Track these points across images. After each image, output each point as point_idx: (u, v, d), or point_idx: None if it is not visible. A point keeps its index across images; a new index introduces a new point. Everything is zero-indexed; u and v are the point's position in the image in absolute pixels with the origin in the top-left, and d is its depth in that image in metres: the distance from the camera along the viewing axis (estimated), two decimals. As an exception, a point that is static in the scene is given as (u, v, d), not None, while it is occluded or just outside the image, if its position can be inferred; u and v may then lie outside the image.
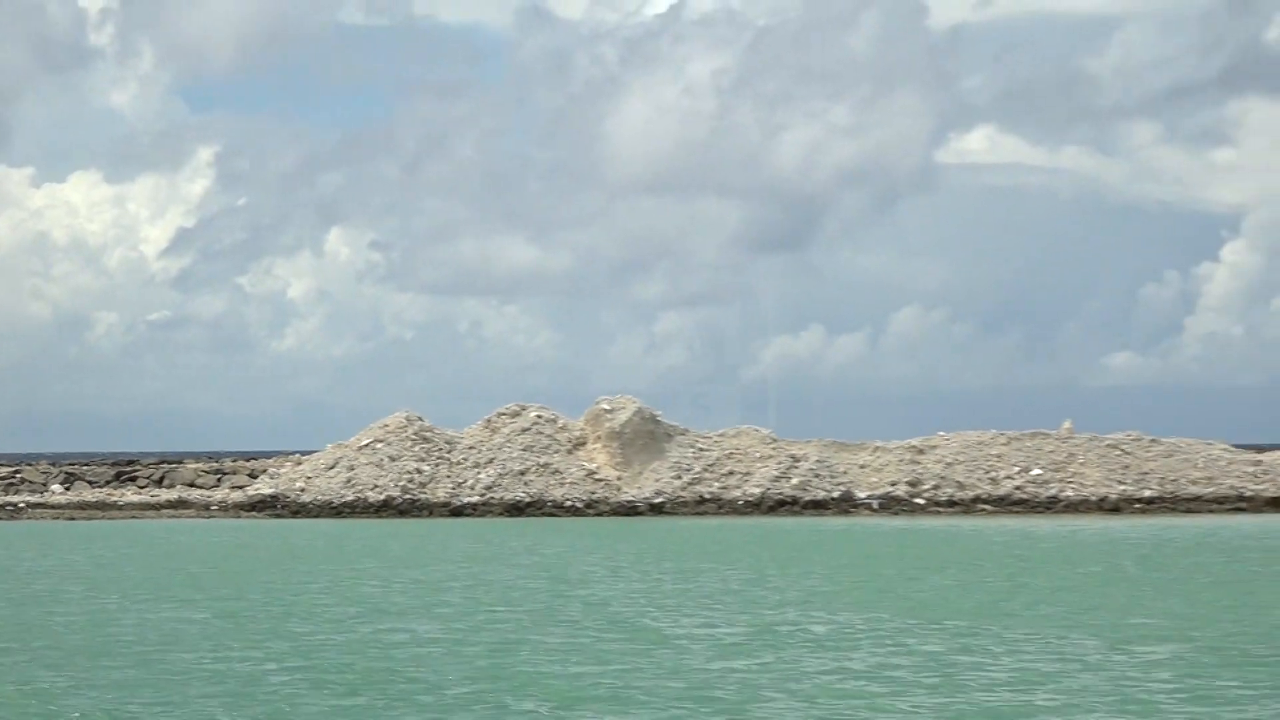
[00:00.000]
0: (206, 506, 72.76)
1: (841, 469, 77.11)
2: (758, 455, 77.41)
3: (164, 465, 78.71)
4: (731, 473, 76.21)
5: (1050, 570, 43.68)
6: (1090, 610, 32.73)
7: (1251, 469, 79.16)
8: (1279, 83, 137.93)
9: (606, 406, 77.43)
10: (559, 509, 73.33)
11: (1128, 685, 23.02)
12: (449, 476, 74.64)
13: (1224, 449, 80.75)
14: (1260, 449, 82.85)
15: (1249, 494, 77.33)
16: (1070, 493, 76.20)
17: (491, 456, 75.43)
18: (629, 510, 73.68)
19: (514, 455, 75.64)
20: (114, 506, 72.86)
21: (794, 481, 75.88)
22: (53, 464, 79.11)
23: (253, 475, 75.81)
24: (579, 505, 73.74)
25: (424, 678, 23.16)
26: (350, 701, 21.35)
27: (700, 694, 21.91)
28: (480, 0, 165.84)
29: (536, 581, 38.82)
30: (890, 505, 75.19)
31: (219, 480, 75.82)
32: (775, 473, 76.22)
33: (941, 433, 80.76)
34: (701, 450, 77.16)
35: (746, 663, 24.62)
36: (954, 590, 37.29)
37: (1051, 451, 78.55)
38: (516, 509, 72.98)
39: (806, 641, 27.41)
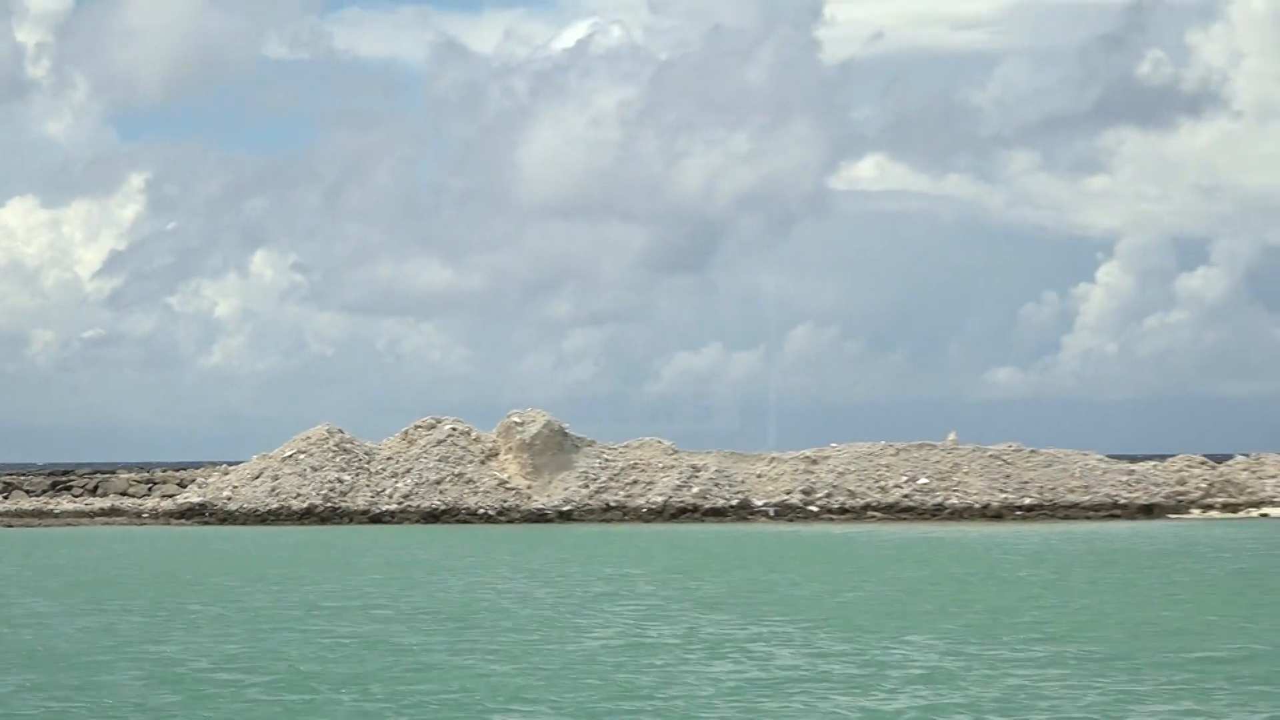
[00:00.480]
0: (138, 514, 76.09)
1: (740, 479, 79.53)
2: (660, 465, 79.95)
3: (98, 475, 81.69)
4: (636, 482, 78.78)
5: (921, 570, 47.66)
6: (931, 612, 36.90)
7: (1125, 478, 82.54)
8: (1150, 114, 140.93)
9: (517, 419, 79.32)
10: (473, 516, 75.87)
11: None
12: (368, 485, 77.01)
13: (1099, 460, 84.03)
14: (1133, 459, 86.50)
15: (1123, 501, 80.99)
16: (955, 501, 79.00)
17: (409, 467, 77.82)
18: (538, 518, 76.23)
19: (430, 465, 77.87)
20: (50, 514, 76.18)
21: (694, 490, 78.49)
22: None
23: (182, 484, 78.78)
24: (491, 513, 76.08)
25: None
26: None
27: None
28: (397, 35, 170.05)
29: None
30: (786, 513, 77.87)
31: (150, 489, 79.05)
32: (677, 482, 78.83)
33: (834, 444, 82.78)
34: (607, 461, 79.69)
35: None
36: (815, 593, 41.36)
37: (937, 462, 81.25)
38: (432, 516, 75.58)
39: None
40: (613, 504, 77.60)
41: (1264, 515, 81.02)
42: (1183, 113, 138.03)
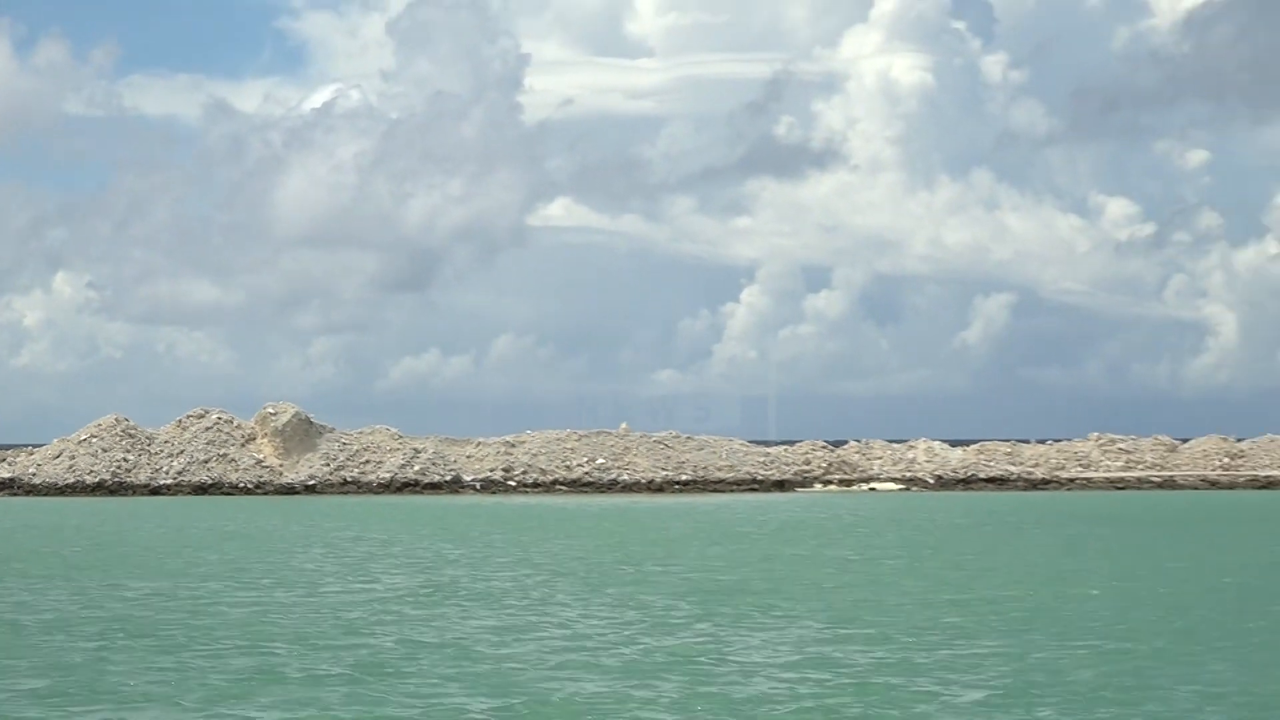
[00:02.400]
0: (-43, 487, 78.04)
1: (453, 459, 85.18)
2: (388, 448, 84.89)
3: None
4: (368, 461, 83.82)
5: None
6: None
7: (762, 459, 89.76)
8: (784, 167, 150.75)
9: (271, 410, 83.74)
10: (234, 489, 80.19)
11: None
12: (149, 464, 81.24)
13: (741, 444, 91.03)
14: (768, 444, 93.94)
15: (760, 478, 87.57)
16: (625, 477, 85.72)
17: (182, 449, 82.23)
18: (288, 491, 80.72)
19: (200, 448, 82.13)
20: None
21: (416, 468, 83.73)
22: None
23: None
24: (250, 487, 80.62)
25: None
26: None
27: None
28: (175, 97, 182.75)
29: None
30: (489, 487, 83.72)
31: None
32: (401, 461, 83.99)
33: (529, 431, 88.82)
34: (344, 444, 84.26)
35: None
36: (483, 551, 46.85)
37: (612, 446, 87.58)
38: (201, 489, 79.92)
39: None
40: (349, 479, 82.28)
41: (871, 489, 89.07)
42: (810, 166, 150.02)
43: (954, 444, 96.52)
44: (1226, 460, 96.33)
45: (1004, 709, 19.58)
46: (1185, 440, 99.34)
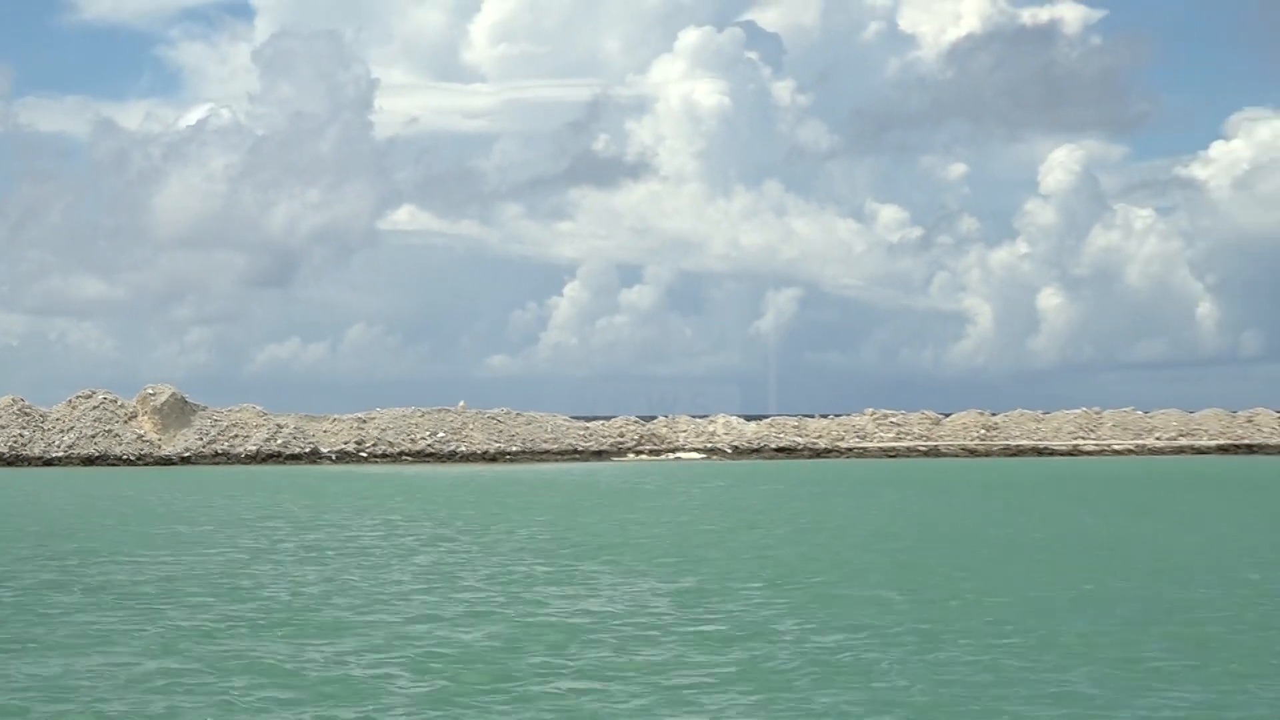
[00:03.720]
0: None
1: (312, 433, 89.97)
2: (254, 424, 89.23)
3: None
4: (236, 435, 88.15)
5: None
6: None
7: (582, 432, 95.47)
8: (602, 178, 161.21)
9: (151, 391, 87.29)
10: (119, 461, 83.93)
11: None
12: (42, 439, 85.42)
13: (565, 419, 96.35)
14: (589, 419, 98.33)
15: (581, 449, 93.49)
16: (463, 449, 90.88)
17: (72, 425, 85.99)
18: (166, 462, 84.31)
19: (88, 424, 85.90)
20: None
21: (279, 441, 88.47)
22: None
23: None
24: (132, 458, 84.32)
25: None
26: None
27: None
28: (66, 116, 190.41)
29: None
30: (344, 457, 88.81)
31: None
32: (266, 435, 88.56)
33: (379, 408, 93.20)
34: (216, 420, 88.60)
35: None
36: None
37: (451, 421, 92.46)
38: (89, 461, 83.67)
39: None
40: (219, 451, 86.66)
41: (677, 458, 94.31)
42: (624, 177, 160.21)
43: (749, 419, 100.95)
44: (983, 432, 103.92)
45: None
46: (947, 414, 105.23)
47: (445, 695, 18.22)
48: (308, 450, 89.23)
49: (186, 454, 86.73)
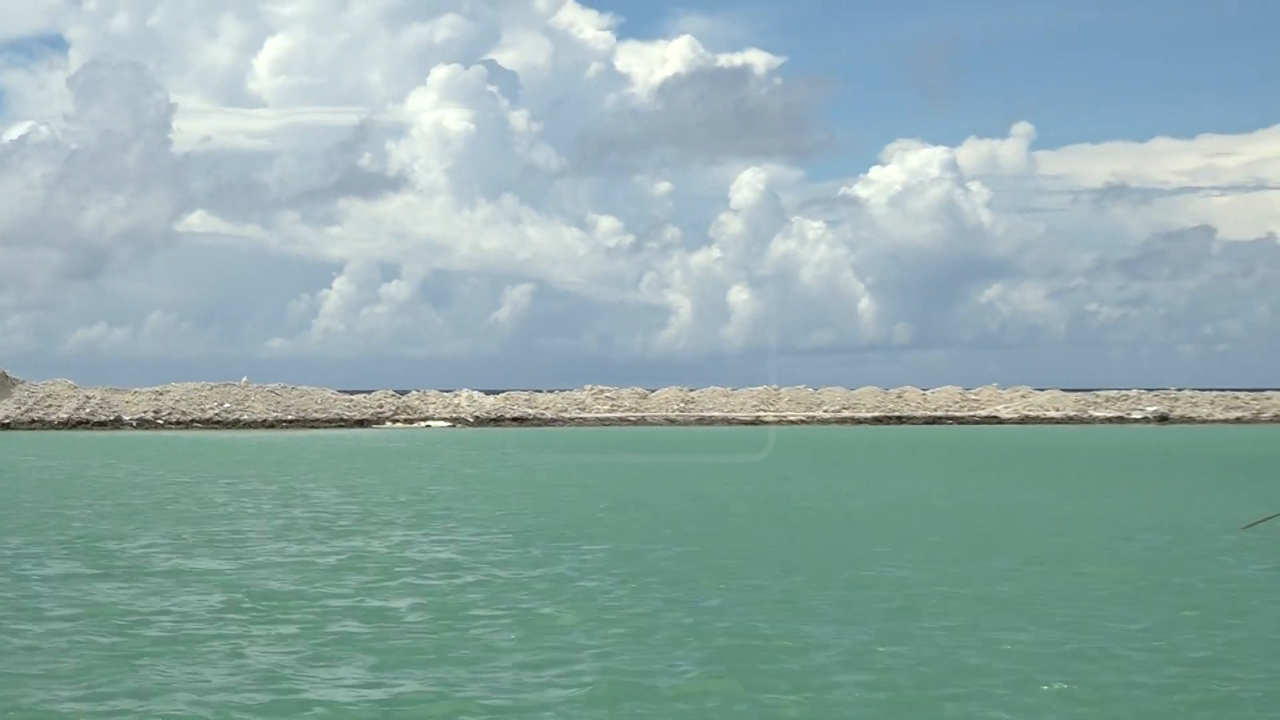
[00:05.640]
0: None
1: (116, 404, 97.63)
2: (67, 396, 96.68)
3: None
4: (50, 406, 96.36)
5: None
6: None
7: (349, 403, 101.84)
8: (367, 190, 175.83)
9: None
10: None
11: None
12: None
13: (333, 393, 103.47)
14: (354, 393, 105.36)
15: (346, 417, 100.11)
16: (246, 417, 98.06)
17: None
18: None
19: None
20: None
21: (88, 410, 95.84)
22: None
23: None
24: None
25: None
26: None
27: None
28: None
29: None
30: (143, 424, 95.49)
31: None
32: (77, 405, 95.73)
33: (174, 383, 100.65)
34: (32, 392, 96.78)
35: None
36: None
37: (235, 394, 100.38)
38: None
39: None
40: (36, 419, 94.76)
41: (427, 426, 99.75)
42: (386, 189, 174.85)
43: (488, 393, 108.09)
44: (682, 405, 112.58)
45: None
46: (653, 390, 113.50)
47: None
48: (113, 418, 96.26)
49: (6, 421, 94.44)
